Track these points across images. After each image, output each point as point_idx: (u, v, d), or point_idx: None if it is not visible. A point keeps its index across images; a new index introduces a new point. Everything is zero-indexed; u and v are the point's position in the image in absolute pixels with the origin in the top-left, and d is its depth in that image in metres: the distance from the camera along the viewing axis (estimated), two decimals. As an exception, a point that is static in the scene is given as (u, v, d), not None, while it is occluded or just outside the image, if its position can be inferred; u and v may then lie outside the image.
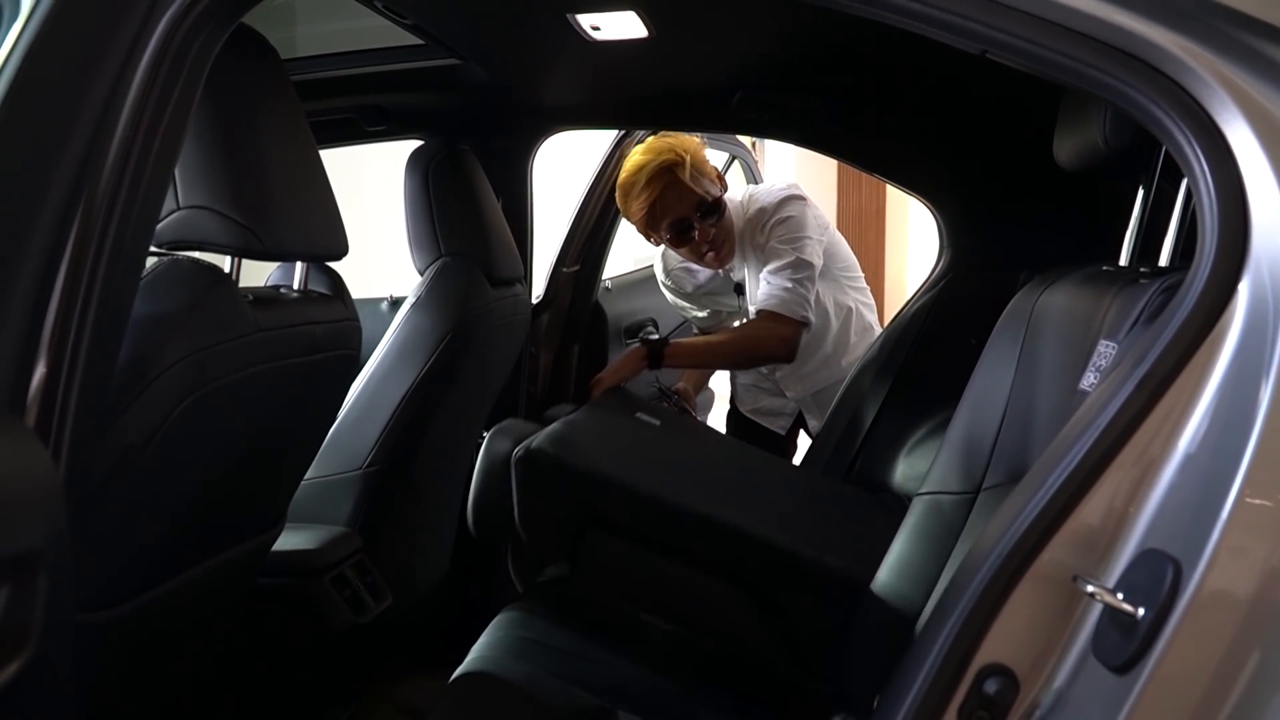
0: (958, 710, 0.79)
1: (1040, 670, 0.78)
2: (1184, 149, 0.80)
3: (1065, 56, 0.84)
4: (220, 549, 1.27)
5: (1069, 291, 1.25)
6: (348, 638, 1.63)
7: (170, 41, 0.85)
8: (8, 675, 0.55)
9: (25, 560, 0.59)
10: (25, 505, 0.60)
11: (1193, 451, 0.75)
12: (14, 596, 0.56)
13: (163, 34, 0.85)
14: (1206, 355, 0.76)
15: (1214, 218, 0.78)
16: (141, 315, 0.98)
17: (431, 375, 1.80)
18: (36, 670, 0.58)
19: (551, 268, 2.56)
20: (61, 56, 0.80)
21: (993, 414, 1.34)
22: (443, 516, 2.10)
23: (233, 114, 1.10)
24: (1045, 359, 1.23)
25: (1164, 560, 0.72)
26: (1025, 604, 0.78)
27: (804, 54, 1.81)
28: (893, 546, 1.44)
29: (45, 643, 0.59)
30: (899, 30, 0.92)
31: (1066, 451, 0.80)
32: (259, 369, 1.14)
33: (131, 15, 0.81)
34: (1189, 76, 0.79)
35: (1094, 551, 0.77)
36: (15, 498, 0.59)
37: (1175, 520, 0.74)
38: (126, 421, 0.98)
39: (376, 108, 2.08)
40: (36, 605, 0.59)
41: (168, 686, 1.30)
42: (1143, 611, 0.71)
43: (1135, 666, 0.71)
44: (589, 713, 1.39)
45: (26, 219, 0.75)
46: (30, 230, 0.76)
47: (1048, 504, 0.78)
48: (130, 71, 0.82)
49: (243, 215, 1.08)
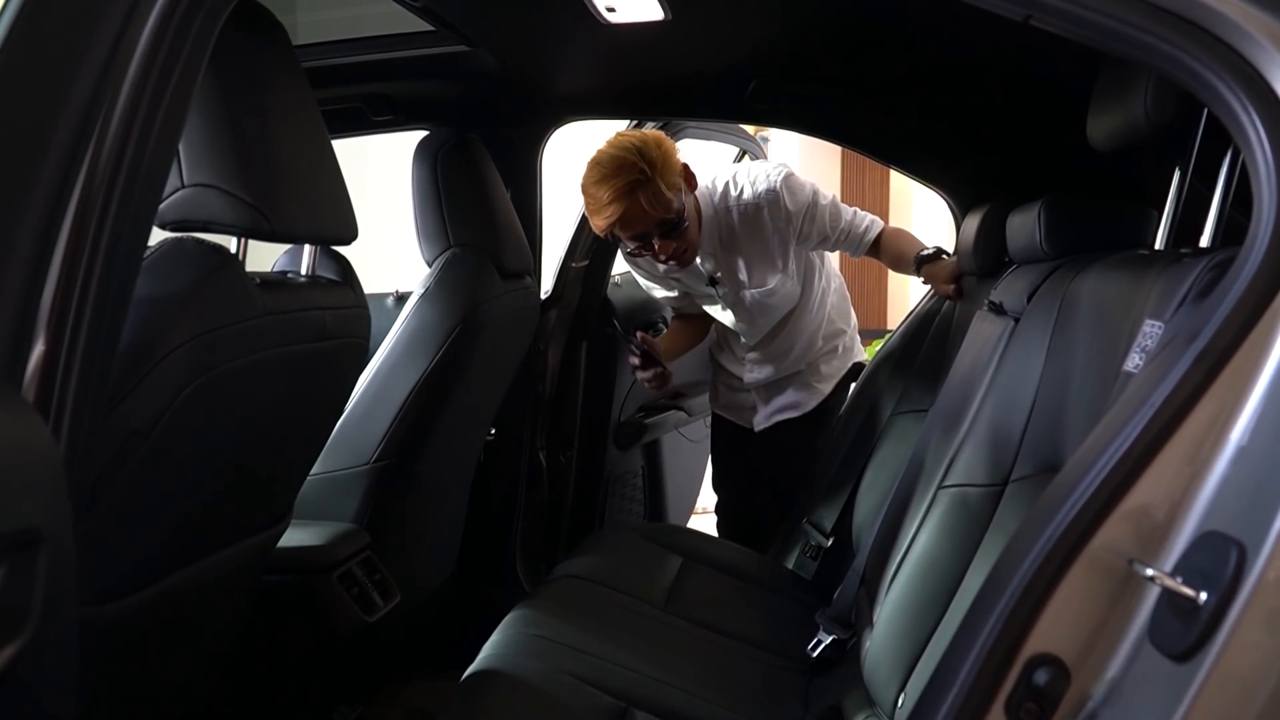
0: (1005, 703, 0.75)
1: (1093, 660, 0.74)
2: (1239, 116, 0.77)
3: (1114, 19, 0.80)
4: (226, 543, 1.24)
5: (1102, 276, 1.21)
6: (355, 637, 1.59)
7: (172, 13, 0.82)
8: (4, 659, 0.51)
9: (23, 538, 0.55)
10: (24, 479, 0.56)
11: (1255, 429, 0.71)
12: (11, 577, 0.53)
13: (164, 4, 0.81)
14: (1266, 329, 0.73)
15: (1272, 186, 0.74)
16: (145, 296, 0.94)
17: (440, 368, 1.76)
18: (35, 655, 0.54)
19: (560, 263, 2.53)
20: (52, 25, 0.77)
21: (1021, 404, 1.30)
22: (451, 514, 2.07)
23: (239, 90, 1.06)
24: (1080, 345, 1.19)
25: (1227, 543, 0.68)
26: (1076, 590, 0.74)
27: (822, 39, 1.78)
28: (918, 541, 1.41)
29: (45, 627, 0.55)
30: (918, 13, 0.88)
31: (1119, 432, 0.76)
32: (266, 354, 1.11)
33: None
34: (1245, 41, 0.76)
35: (1150, 535, 0.73)
36: (13, 470, 0.56)
37: (1238, 501, 0.70)
38: (130, 406, 0.95)
39: (383, 97, 2.05)
40: (36, 588, 0.55)
41: (171, 685, 1.27)
42: (1205, 596, 0.67)
43: (1197, 654, 0.67)
44: (605, 711, 1.35)
45: (19, 191, 0.71)
46: (24, 203, 0.72)
47: (1100, 486, 0.74)
48: (130, 42, 0.79)
49: (250, 194, 1.04)
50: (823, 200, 2.11)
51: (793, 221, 2.09)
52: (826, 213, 2.11)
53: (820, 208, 2.10)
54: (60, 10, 0.75)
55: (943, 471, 1.43)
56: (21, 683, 0.54)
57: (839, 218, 2.13)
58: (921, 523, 1.42)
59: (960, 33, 0.89)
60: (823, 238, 2.14)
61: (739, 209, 2.10)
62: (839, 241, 2.16)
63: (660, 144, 1.92)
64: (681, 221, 1.96)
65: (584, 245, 2.57)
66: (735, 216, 2.11)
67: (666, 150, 1.93)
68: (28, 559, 0.55)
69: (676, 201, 1.93)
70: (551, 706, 1.34)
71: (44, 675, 0.58)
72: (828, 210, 2.11)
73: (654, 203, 1.89)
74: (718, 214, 2.12)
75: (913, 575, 1.38)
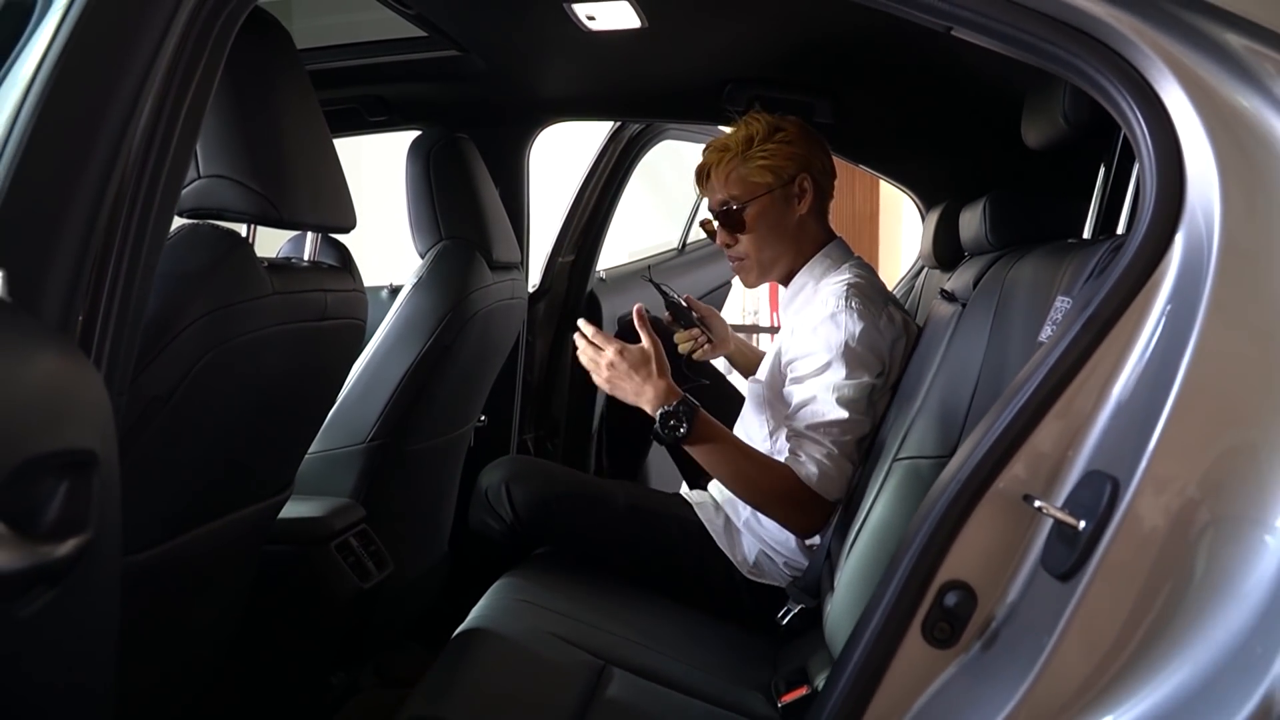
0: (921, 623, 0.86)
1: (996, 584, 0.85)
2: (1127, 114, 0.88)
3: (1023, 32, 0.91)
4: (234, 507, 1.34)
5: (1035, 263, 1.33)
6: (352, 603, 1.69)
7: (195, 21, 0.92)
8: (72, 547, 0.62)
9: (83, 458, 0.65)
10: (83, 408, 0.67)
11: (1133, 383, 0.83)
12: (72, 488, 0.63)
13: (190, 11, 0.92)
14: (1147, 298, 0.84)
15: (1153, 174, 0.86)
16: (166, 274, 1.04)
17: (432, 353, 1.87)
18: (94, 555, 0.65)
19: (548, 258, 2.64)
20: (102, 34, 0.86)
21: (967, 380, 1.42)
22: (442, 493, 2.17)
23: (249, 89, 1.16)
24: (1016, 325, 1.31)
25: (1104, 479, 0.79)
26: (983, 525, 0.86)
27: (789, 46, 1.89)
28: (874, 510, 1.51)
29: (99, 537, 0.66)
30: (881, 24, 0.99)
31: (1020, 389, 0.87)
32: (273, 329, 1.21)
33: None
34: (1131, 49, 0.87)
35: (1045, 475, 0.85)
36: (75, 400, 0.66)
37: (1116, 444, 0.81)
38: (152, 374, 1.05)
39: (378, 98, 2.16)
40: (92, 502, 0.66)
41: (179, 645, 1.37)
42: (1084, 524, 0.78)
43: (1077, 573, 0.78)
44: (585, 667, 1.45)
45: (74, 174, 0.81)
46: (76, 186, 0.82)
47: (1002, 434, 0.86)
48: (164, 49, 0.89)
49: (260, 184, 1.15)
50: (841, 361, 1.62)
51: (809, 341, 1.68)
52: (827, 371, 1.64)
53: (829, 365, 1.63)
54: (109, 20, 0.85)
55: (898, 445, 1.54)
56: (82, 577, 0.65)
57: (821, 387, 1.63)
58: (878, 493, 1.53)
59: (910, 41, 1.00)
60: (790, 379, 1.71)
61: (816, 291, 1.79)
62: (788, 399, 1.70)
63: (776, 134, 1.77)
64: (741, 217, 1.78)
65: (571, 240, 2.69)
66: (810, 293, 1.80)
67: (777, 146, 1.76)
68: (85, 476, 0.65)
69: (747, 195, 1.77)
70: (534, 661, 1.45)
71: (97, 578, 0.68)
72: (830, 370, 1.64)
73: (729, 178, 1.77)
74: (818, 283, 1.81)
75: (869, 542, 1.48)
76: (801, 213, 1.80)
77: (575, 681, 1.39)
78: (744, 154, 1.77)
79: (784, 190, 1.78)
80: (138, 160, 0.88)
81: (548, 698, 1.36)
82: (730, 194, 1.78)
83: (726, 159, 1.78)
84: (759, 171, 1.77)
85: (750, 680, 1.59)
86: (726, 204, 1.79)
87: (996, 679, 0.81)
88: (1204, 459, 0.77)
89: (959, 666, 0.86)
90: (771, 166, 1.77)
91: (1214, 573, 0.74)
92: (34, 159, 0.77)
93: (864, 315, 1.64)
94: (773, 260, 1.83)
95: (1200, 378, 0.78)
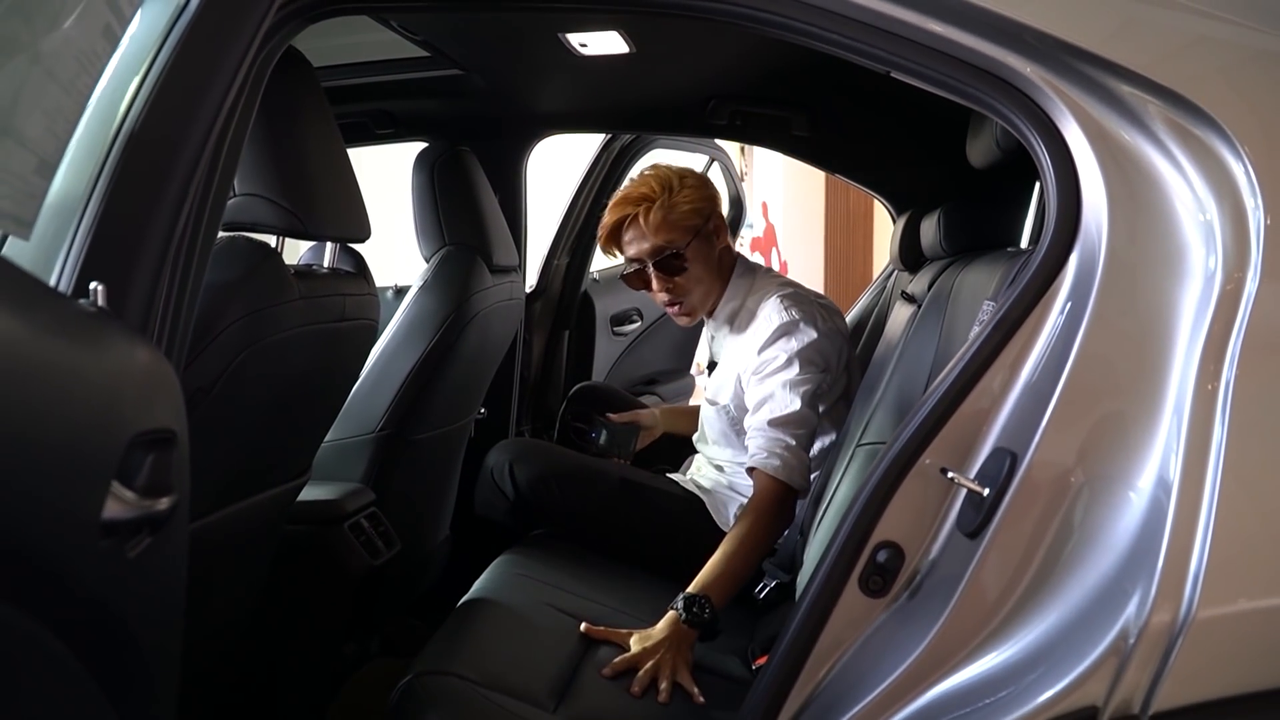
0: (859, 577, 1.02)
1: (920, 543, 1.01)
2: (1035, 147, 1.04)
3: (949, 77, 1.07)
4: (259, 489, 1.49)
5: (978, 269, 1.49)
6: (363, 578, 1.84)
7: (256, 59, 1.02)
8: (167, 504, 0.77)
9: (166, 435, 0.81)
10: (164, 394, 0.82)
11: (1033, 374, 0.99)
12: (158, 460, 0.78)
13: (254, 52, 1.02)
14: (1047, 303, 1.00)
15: (1055, 199, 1.02)
16: (208, 283, 1.17)
17: (436, 350, 2.01)
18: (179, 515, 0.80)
19: (544, 260, 2.80)
20: (187, 74, 0.96)
21: (920, 374, 1.57)
22: (445, 480, 2.32)
23: (279, 116, 1.29)
24: (959, 325, 1.47)
25: (1006, 454, 0.95)
26: (911, 493, 1.02)
27: (767, 67, 2.04)
28: (839, 491, 1.67)
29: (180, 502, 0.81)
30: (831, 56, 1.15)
31: (944, 379, 1.03)
32: (299, 330, 1.36)
33: (247, 26, 1.01)
34: (1039, 94, 1.02)
35: (961, 451, 1.01)
36: (158, 387, 0.81)
37: (1017, 425, 0.97)
38: (196, 369, 1.19)
39: (386, 113, 2.31)
40: (174, 473, 0.81)
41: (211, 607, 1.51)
42: (988, 491, 0.94)
43: (982, 532, 0.94)
44: (576, 635, 1.61)
45: (154, 203, 0.94)
46: (156, 211, 0.94)
47: (926, 416, 1.02)
48: (233, 85, 0.99)
49: (289, 201, 1.28)
50: (792, 368, 1.77)
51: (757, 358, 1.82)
52: (778, 380, 1.77)
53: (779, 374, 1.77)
54: (197, 62, 0.97)
55: (860, 432, 1.69)
56: (170, 529, 0.80)
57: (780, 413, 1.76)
58: (843, 475, 1.69)
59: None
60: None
61: (754, 308, 1.90)
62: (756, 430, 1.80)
63: (685, 180, 1.88)
64: (681, 261, 1.87)
65: (565, 244, 2.84)
66: (748, 314, 1.92)
67: (691, 190, 1.87)
68: (168, 451, 0.81)
69: (683, 237, 1.86)
70: (531, 627, 1.60)
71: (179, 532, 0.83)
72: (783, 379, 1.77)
73: (658, 225, 1.84)
74: (745, 303, 1.93)
75: (834, 518, 1.64)
76: (721, 246, 1.94)
77: (567, 645, 1.55)
78: (669, 201, 1.85)
79: (707, 227, 1.90)
80: (201, 185, 0.99)
81: (543, 658, 1.51)
82: (666, 239, 1.86)
83: (653, 208, 1.85)
84: (689, 215, 1.87)
85: (728, 646, 1.75)
86: (664, 249, 1.86)
87: (917, 621, 0.97)
88: (1082, 431, 0.92)
89: (889, 613, 1.02)
90: (695, 208, 1.88)
91: (1088, 526, 0.90)
92: (124, 189, 0.90)
93: (809, 320, 1.81)
94: (706, 295, 1.94)
95: (1083, 371, 0.94)
